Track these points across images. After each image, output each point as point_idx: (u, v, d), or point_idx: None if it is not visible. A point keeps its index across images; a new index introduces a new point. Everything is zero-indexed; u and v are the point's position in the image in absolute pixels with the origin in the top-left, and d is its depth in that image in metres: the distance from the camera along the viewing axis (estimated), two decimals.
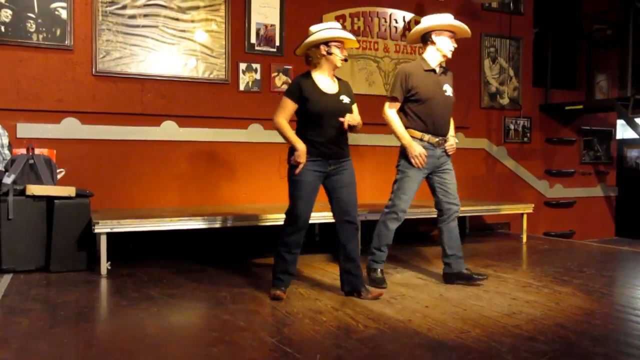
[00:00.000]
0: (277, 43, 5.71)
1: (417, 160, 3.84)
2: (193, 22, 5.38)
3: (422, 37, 3.99)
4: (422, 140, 3.88)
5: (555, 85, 7.57)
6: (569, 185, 7.71)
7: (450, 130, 4.05)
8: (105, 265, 4.17)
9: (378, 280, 3.96)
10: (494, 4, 6.93)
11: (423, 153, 3.84)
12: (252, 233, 5.34)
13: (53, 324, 2.98)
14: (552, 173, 7.58)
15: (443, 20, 3.91)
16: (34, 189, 4.22)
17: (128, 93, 5.16)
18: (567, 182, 7.71)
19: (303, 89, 3.46)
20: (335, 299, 3.55)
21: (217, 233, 4.90)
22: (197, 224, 4.49)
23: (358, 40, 3.98)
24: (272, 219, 4.78)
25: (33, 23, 4.80)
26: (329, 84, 3.55)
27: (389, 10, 6.34)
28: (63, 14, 4.90)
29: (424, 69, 3.91)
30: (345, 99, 3.56)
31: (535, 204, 6.40)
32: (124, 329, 2.98)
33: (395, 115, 3.91)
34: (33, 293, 3.62)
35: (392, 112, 3.91)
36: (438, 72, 3.95)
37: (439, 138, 3.93)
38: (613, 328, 3.05)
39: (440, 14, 3.96)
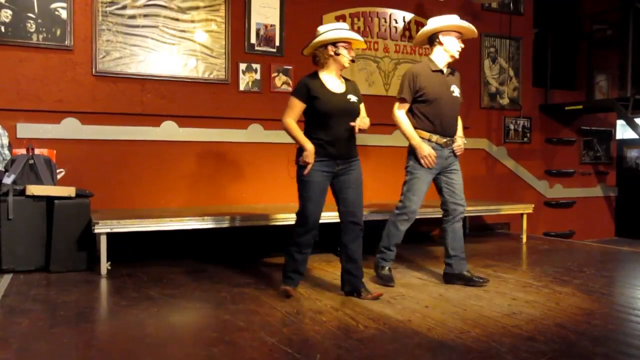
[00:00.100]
0: (277, 43, 5.71)
1: (426, 161, 3.85)
2: (193, 22, 5.38)
3: (428, 38, 4.00)
4: (430, 141, 3.89)
5: (555, 86, 7.57)
6: (569, 186, 7.72)
7: (458, 131, 4.06)
8: (105, 266, 4.18)
9: (386, 278, 3.98)
10: (494, 4, 6.93)
11: (432, 154, 3.85)
12: (252, 233, 5.35)
13: (53, 324, 2.98)
14: (552, 173, 7.58)
15: (450, 21, 3.92)
16: (34, 189, 4.22)
17: (128, 93, 5.16)
18: (567, 182, 7.71)
19: (311, 89, 3.47)
20: (335, 299, 3.55)
21: (217, 233, 4.90)
22: (197, 224, 4.49)
23: None
24: (272, 219, 4.79)
25: (33, 23, 4.80)
26: (337, 84, 3.57)
27: (389, 11, 6.34)
28: (63, 14, 4.90)
29: (432, 70, 3.93)
30: (353, 98, 3.57)
31: (535, 204, 6.40)
32: (124, 329, 2.98)
33: (405, 116, 3.92)
34: (33, 293, 3.62)
35: (401, 113, 3.92)
36: (445, 72, 3.96)
37: (447, 138, 3.94)
38: (613, 328, 3.05)
39: (447, 15, 3.97)
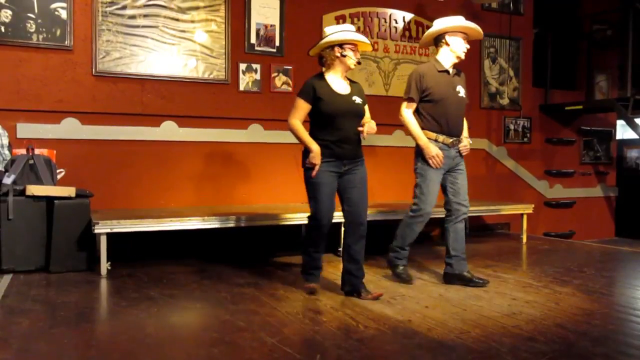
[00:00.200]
0: (277, 43, 5.71)
1: (434, 161, 3.86)
2: (193, 22, 5.38)
3: (434, 39, 4.02)
4: (436, 141, 3.90)
5: (555, 86, 7.56)
6: (569, 186, 7.71)
7: (464, 131, 4.08)
8: (105, 266, 4.18)
9: (404, 276, 4.01)
10: (494, 4, 6.93)
11: (440, 154, 3.86)
12: (252, 233, 5.35)
13: (53, 325, 2.98)
14: (552, 173, 7.58)
15: (457, 22, 3.94)
16: (34, 189, 4.22)
17: (128, 93, 5.16)
18: (567, 182, 7.70)
19: (317, 90, 3.50)
20: (335, 299, 3.55)
21: (217, 233, 4.89)
22: (197, 224, 4.49)
23: None
24: (273, 220, 4.79)
25: (33, 23, 4.80)
26: (342, 85, 3.60)
27: (389, 11, 6.34)
28: (63, 14, 4.90)
29: (438, 70, 3.94)
30: (358, 100, 3.60)
31: (535, 204, 6.41)
32: (124, 330, 2.98)
33: (412, 117, 3.93)
34: (33, 293, 3.62)
35: (408, 113, 3.94)
36: (451, 73, 3.98)
37: (453, 139, 3.95)
38: (613, 328, 3.05)
39: (452, 17, 4.00)
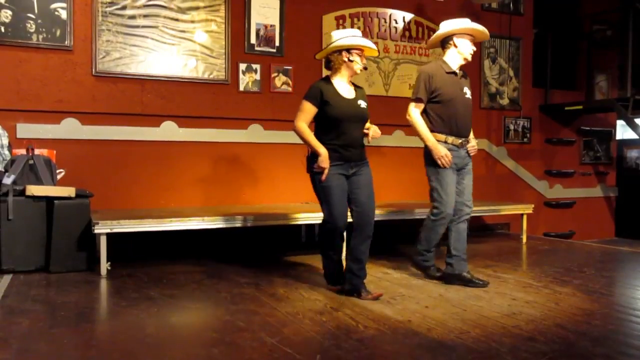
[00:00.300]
0: (277, 43, 5.71)
1: (443, 161, 3.87)
2: (193, 22, 5.38)
3: (441, 40, 4.04)
4: (446, 143, 3.91)
5: (555, 86, 7.56)
6: (569, 186, 7.71)
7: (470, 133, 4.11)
8: (105, 266, 4.17)
9: (439, 274, 4.05)
10: (494, 5, 6.93)
11: (448, 154, 3.87)
12: (252, 233, 5.35)
13: (53, 325, 2.98)
14: (552, 173, 7.58)
15: (464, 24, 3.96)
16: (34, 190, 4.22)
17: (128, 93, 5.16)
18: (567, 182, 7.70)
19: (324, 93, 3.52)
20: (335, 300, 3.55)
21: (217, 233, 4.89)
22: (196, 224, 4.49)
23: None
24: (273, 220, 4.79)
25: (33, 23, 4.80)
26: (348, 90, 3.63)
27: (389, 11, 6.34)
28: (63, 15, 4.90)
29: (446, 72, 3.96)
30: (363, 104, 3.64)
31: (535, 205, 6.40)
32: (124, 330, 2.98)
33: (420, 117, 3.94)
34: (33, 293, 3.62)
35: (416, 113, 3.94)
36: (458, 75, 4.00)
37: (462, 139, 3.97)
38: (613, 328, 3.05)
39: (459, 19, 4.02)
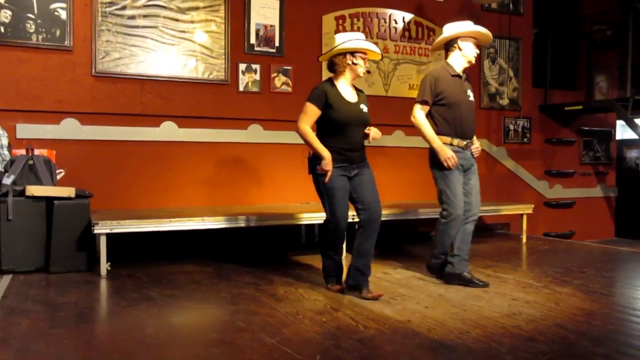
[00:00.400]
0: (276, 44, 5.71)
1: (449, 163, 3.88)
2: (193, 22, 5.38)
3: (445, 43, 4.05)
4: (451, 145, 3.93)
5: (555, 86, 7.57)
6: (569, 186, 7.71)
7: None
8: (105, 266, 4.17)
9: (448, 275, 4.03)
10: (494, 5, 6.93)
11: (454, 156, 3.89)
12: (252, 233, 5.35)
13: (53, 325, 2.98)
14: (551, 173, 7.58)
15: (469, 27, 3.98)
16: (34, 190, 4.22)
17: (127, 94, 5.16)
18: (566, 182, 7.70)
19: (328, 97, 3.53)
20: (335, 300, 3.55)
21: (217, 233, 4.89)
22: (196, 225, 4.48)
23: None
24: (274, 220, 4.79)
25: (33, 24, 4.80)
26: (350, 93, 3.65)
27: (389, 11, 6.34)
28: (63, 15, 4.90)
29: (451, 74, 3.98)
30: (365, 108, 3.66)
31: (535, 205, 6.40)
32: (124, 330, 2.98)
33: (425, 119, 3.96)
34: (33, 294, 3.62)
35: (422, 115, 3.95)
36: (462, 77, 4.02)
37: (467, 141, 3.99)
38: (613, 328, 3.05)
39: (462, 22, 4.04)
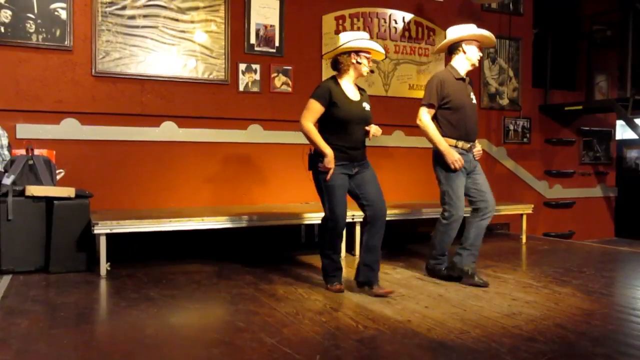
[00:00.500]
0: (276, 44, 5.70)
1: (456, 165, 3.91)
2: (193, 22, 5.38)
3: (449, 46, 4.08)
4: (456, 147, 3.97)
5: (555, 86, 7.56)
6: (569, 186, 7.71)
7: None
8: (105, 266, 4.17)
9: (451, 265, 4.05)
10: (494, 5, 6.93)
11: (461, 158, 3.92)
12: (252, 233, 5.35)
13: (52, 325, 2.98)
14: (551, 173, 7.58)
15: (473, 31, 4.01)
16: (34, 190, 4.22)
17: (127, 94, 5.16)
18: (566, 182, 7.70)
19: (333, 94, 3.55)
20: (335, 300, 3.55)
21: (216, 233, 4.89)
22: (196, 225, 4.49)
23: None
24: (274, 220, 4.79)
25: (33, 23, 4.80)
26: (353, 92, 3.67)
27: (389, 11, 6.34)
28: (63, 15, 4.90)
29: (455, 78, 4.01)
30: (367, 107, 3.68)
31: (535, 205, 6.41)
32: (124, 330, 2.98)
33: (431, 122, 3.99)
34: (32, 294, 3.62)
35: (428, 118, 3.99)
36: (466, 80, 4.06)
37: (470, 144, 4.03)
38: (613, 328, 3.05)
39: (466, 25, 4.06)
